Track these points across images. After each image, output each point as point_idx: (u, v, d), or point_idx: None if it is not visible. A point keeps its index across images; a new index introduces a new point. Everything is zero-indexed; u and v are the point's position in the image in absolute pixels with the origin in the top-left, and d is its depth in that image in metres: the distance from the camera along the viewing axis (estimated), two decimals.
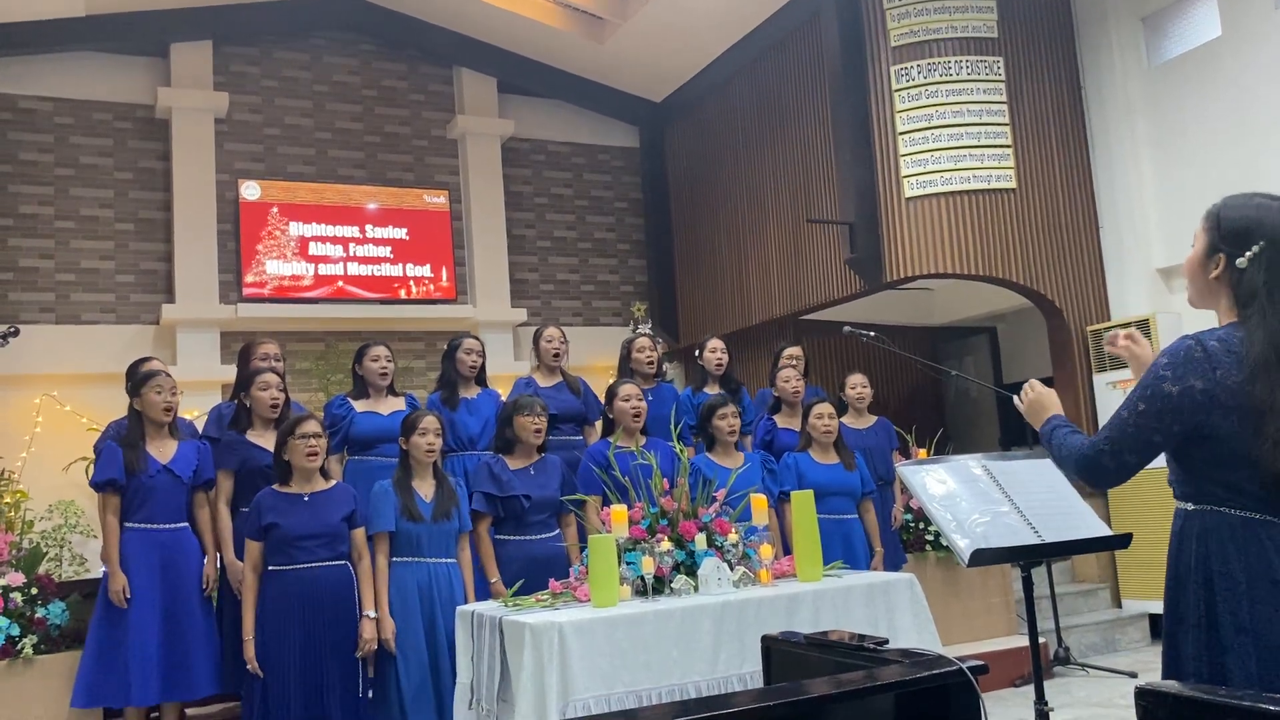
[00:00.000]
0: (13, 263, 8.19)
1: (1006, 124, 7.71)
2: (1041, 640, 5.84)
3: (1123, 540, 3.01)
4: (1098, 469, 2.20)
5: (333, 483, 4.40)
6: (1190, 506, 2.20)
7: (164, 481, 4.38)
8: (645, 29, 9.03)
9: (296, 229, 8.89)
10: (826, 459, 5.16)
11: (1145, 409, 2.13)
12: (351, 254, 9.06)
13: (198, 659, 4.36)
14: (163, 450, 4.43)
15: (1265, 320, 2.07)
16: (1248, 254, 2.12)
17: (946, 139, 7.58)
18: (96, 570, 4.44)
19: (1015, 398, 2.63)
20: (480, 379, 5.45)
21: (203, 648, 4.39)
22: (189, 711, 4.82)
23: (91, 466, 4.76)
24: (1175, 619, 2.21)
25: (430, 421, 4.46)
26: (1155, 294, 7.72)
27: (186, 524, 4.48)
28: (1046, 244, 7.80)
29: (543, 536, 4.59)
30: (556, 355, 5.56)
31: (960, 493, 3.04)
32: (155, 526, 4.36)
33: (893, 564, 5.61)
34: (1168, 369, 2.11)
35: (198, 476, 4.50)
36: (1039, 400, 2.52)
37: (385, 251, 9.18)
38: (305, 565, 4.17)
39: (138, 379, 4.49)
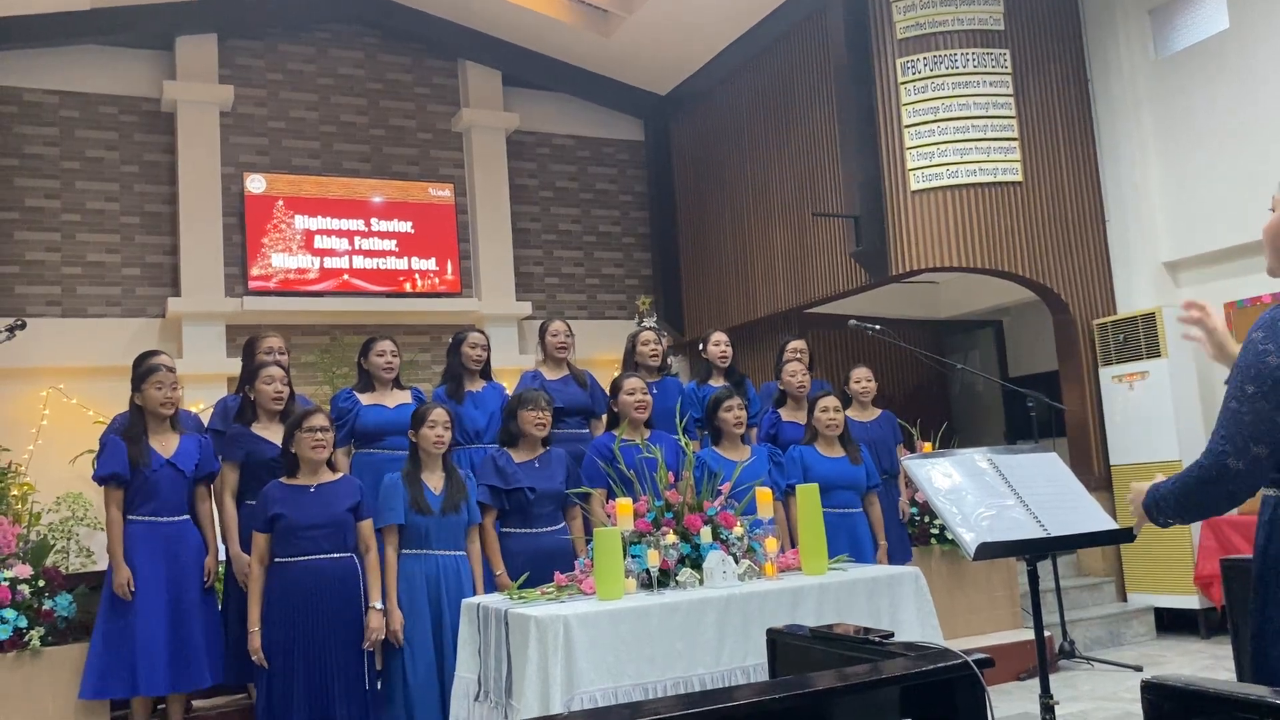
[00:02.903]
0: (19, 256, 8.20)
1: (1013, 117, 7.69)
2: (1046, 634, 5.83)
3: (1128, 534, 2.99)
4: (1225, 474, 1.93)
5: (339, 475, 4.42)
6: None
7: (167, 475, 4.40)
8: (650, 22, 9.01)
9: (302, 222, 8.90)
10: (831, 452, 5.16)
11: (1255, 391, 1.91)
12: (357, 247, 9.07)
13: (202, 650, 4.38)
14: (165, 444, 4.46)
15: None
16: None
17: (952, 132, 7.56)
18: (103, 563, 4.45)
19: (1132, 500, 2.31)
20: (485, 372, 5.45)
21: (206, 639, 4.41)
22: (195, 703, 4.84)
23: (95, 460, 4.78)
24: (1264, 617, 1.98)
25: (440, 414, 4.47)
26: (1162, 287, 7.70)
27: (189, 517, 4.51)
28: (1052, 237, 7.78)
29: (548, 529, 4.60)
30: (562, 349, 5.56)
31: (966, 486, 3.04)
32: (160, 519, 4.39)
33: (901, 557, 5.60)
34: (1267, 342, 1.90)
35: (200, 470, 4.53)
36: (1134, 493, 2.25)
37: (390, 245, 9.19)
38: (311, 557, 4.18)
39: (138, 374, 4.51)
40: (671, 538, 3.80)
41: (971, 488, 3.04)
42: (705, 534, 3.82)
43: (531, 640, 3.27)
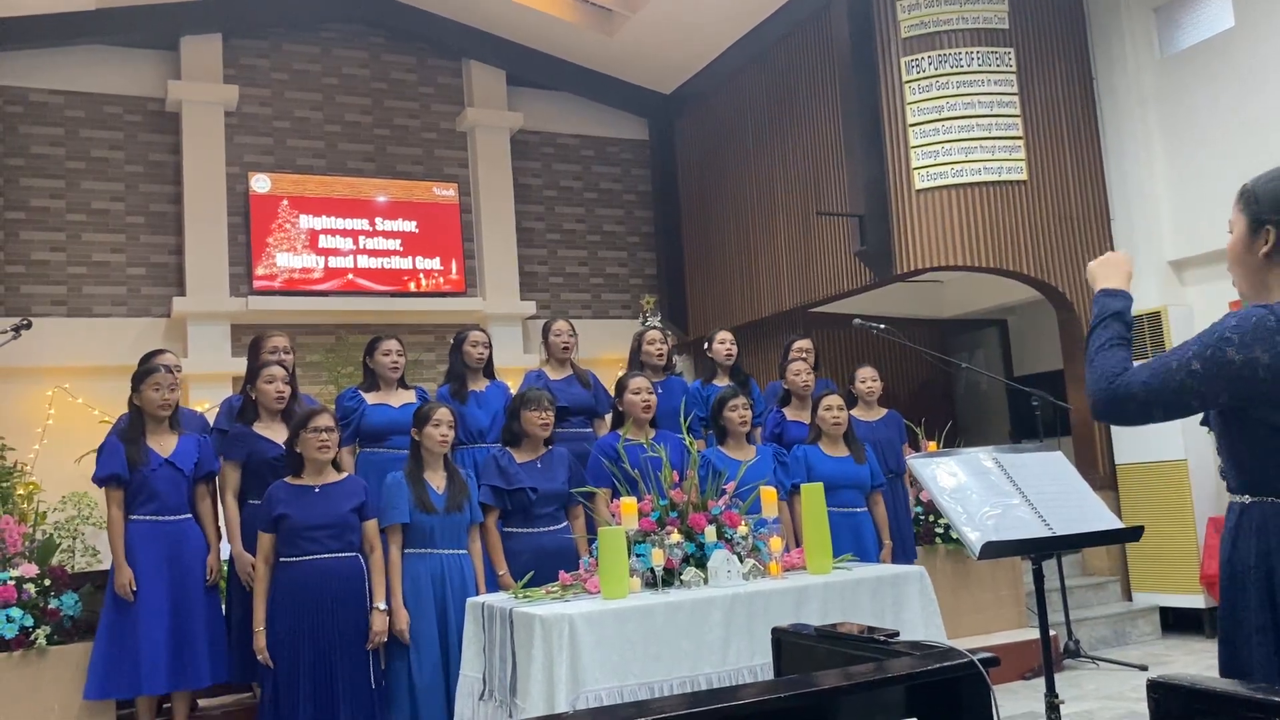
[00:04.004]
0: (25, 256, 8.22)
1: (1017, 115, 7.67)
2: (1051, 633, 5.82)
3: (1134, 533, 2.99)
4: (1118, 410, 2.01)
5: (344, 475, 4.42)
6: (1247, 499, 2.02)
7: (166, 475, 4.43)
8: (654, 21, 9.01)
9: (306, 222, 8.91)
10: (836, 452, 5.15)
11: (1199, 369, 1.94)
12: (361, 246, 9.07)
13: (203, 649, 4.40)
14: (164, 444, 4.48)
15: None
16: None
17: (957, 131, 7.55)
18: (109, 562, 4.47)
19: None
20: (488, 371, 5.45)
21: (207, 637, 4.42)
22: (200, 702, 4.85)
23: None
24: (1234, 622, 2.02)
25: (444, 413, 4.48)
26: (1167, 286, 7.68)
27: (190, 516, 4.52)
28: (1057, 236, 7.77)
29: (550, 529, 4.60)
30: (566, 348, 5.57)
31: (971, 485, 3.03)
32: (161, 519, 4.40)
33: (905, 555, 5.59)
34: (1234, 333, 1.93)
35: (199, 469, 4.54)
36: (1107, 261, 2.27)
37: (395, 244, 9.19)
38: (315, 556, 4.19)
39: (136, 375, 4.54)
40: (676, 537, 3.79)
41: (976, 487, 3.03)
42: (710, 533, 3.82)
43: (536, 639, 3.28)
